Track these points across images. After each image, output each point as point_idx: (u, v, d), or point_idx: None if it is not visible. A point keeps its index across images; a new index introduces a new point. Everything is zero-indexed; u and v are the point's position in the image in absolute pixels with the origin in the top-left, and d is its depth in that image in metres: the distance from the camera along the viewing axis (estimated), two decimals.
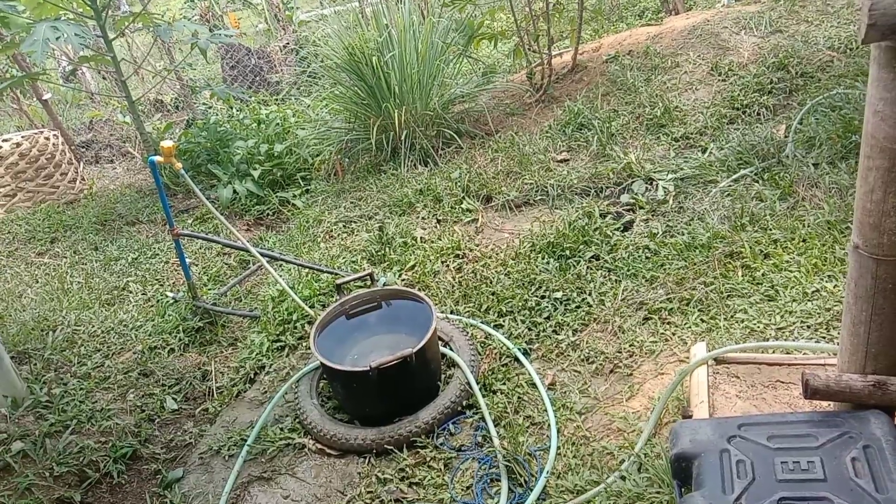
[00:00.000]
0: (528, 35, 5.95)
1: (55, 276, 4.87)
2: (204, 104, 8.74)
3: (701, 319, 2.98)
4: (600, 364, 2.98)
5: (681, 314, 3.07)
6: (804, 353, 2.51)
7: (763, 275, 3.12)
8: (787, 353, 2.55)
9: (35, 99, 7.89)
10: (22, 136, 6.57)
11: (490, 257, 3.91)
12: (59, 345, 3.88)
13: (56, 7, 5.92)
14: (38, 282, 4.85)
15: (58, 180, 6.58)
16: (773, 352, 2.57)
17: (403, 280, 3.91)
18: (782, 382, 2.42)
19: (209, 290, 4.45)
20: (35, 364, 3.66)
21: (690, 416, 2.24)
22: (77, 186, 6.76)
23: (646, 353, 2.93)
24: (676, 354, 2.84)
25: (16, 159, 6.37)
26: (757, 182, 3.89)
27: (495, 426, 2.80)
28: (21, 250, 5.47)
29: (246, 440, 3.06)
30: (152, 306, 4.36)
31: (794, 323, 2.78)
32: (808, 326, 2.73)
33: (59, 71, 10.73)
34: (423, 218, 4.52)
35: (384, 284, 3.76)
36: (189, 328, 3.99)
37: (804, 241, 3.25)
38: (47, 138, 6.66)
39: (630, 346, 3.00)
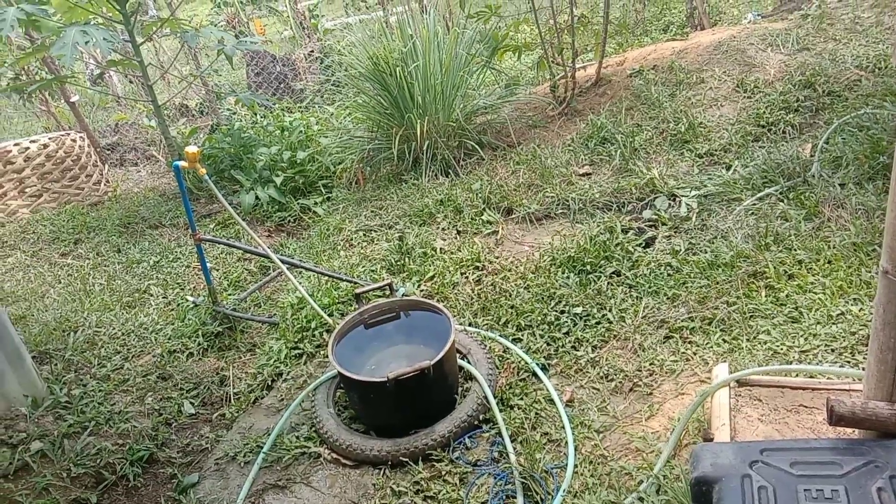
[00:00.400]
0: (552, 48, 5.95)
1: (78, 278, 4.93)
2: (228, 110, 8.82)
3: (723, 339, 2.95)
4: (620, 382, 2.95)
5: (703, 333, 3.03)
6: (828, 378, 2.47)
7: (787, 296, 3.08)
8: (811, 377, 2.51)
9: (63, 101, 8.01)
10: (49, 138, 6.66)
11: (510, 270, 3.90)
12: (80, 346, 3.92)
13: (86, 11, 6.01)
14: (60, 282, 4.90)
15: (83, 182, 6.67)
16: (797, 375, 2.54)
17: (422, 291, 3.91)
18: (806, 407, 2.38)
19: (229, 295, 4.48)
20: (56, 364, 3.70)
21: (711, 439, 2.21)
22: (101, 188, 6.84)
23: (666, 373, 2.90)
24: (697, 374, 2.80)
25: (42, 160, 6.47)
26: (782, 201, 3.85)
27: (512, 442, 2.77)
28: (45, 251, 5.53)
29: (262, 447, 3.06)
30: (172, 310, 4.39)
31: (818, 346, 2.73)
32: (833, 350, 2.69)
33: (86, 74, 10.90)
34: (443, 229, 4.52)
35: (403, 295, 3.76)
36: (208, 333, 4.01)
37: (829, 262, 3.21)
38: (73, 140, 6.75)
39: (650, 364, 2.97)
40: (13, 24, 5.05)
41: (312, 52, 9.80)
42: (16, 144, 6.51)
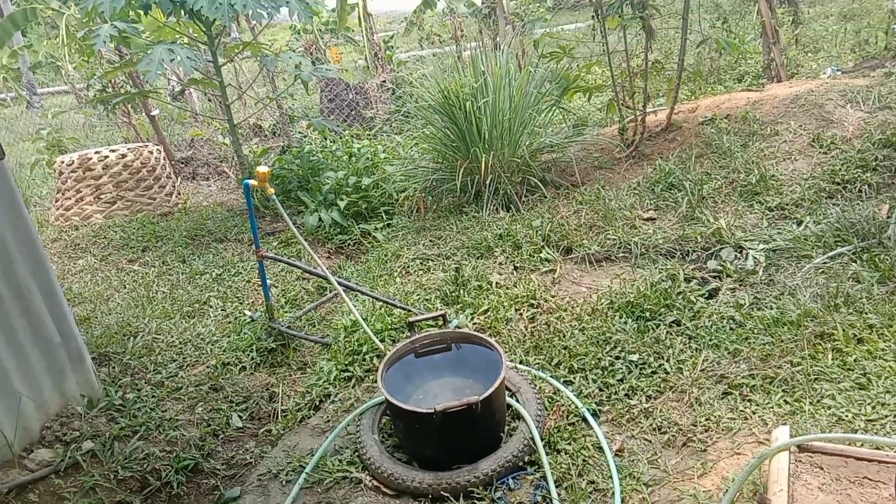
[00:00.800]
0: (623, 91, 5.93)
1: (142, 284, 5.08)
2: (300, 133, 9.06)
3: (784, 401, 2.83)
4: (673, 435, 2.86)
5: (763, 392, 2.92)
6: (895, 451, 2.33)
7: (855, 360, 2.94)
8: (877, 448, 2.38)
9: (144, 114, 8.36)
10: (128, 148, 6.95)
11: (565, 310, 3.85)
12: (138, 351, 4.02)
13: (174, 31, 6.30)
14: (125, 287, 5.06)
15: (156, 192, 6.91)
16: (862, 445, 2.40)
17: (475, 324, 3.89)
18: (871, 480, 2.25)
19: (285, 312, 4.54)
20: (114, 367, 3.79)
21: None
22: (173, 200, 7.08)
23: (723, 430, 2.79)
24: (755, 435, 2.69)
25: (119, 169, 6.74)
26: (854, 262, 3.70)
27: (557, 487, 2.71)
28: (114, 256, 5.73)
29: (304, 467, 3.06)
30: (230, 323, 4.47)
31: (886, 416, 2.60)
32: None
33: (168, 90, 11.38)
34: (500, 263, 4.50)
35: (456, 327, 3.74)
36: (262, 348, 4.07)
37: None
38: (150, 152, 7.02)
39: (706, 420, 2.87)
40: (106, 39, 5.32)
41: (385, 81, 10.01)
42: (96, 153, 6.82)
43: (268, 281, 4.07)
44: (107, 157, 6.77)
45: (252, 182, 3.74)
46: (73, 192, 6.70)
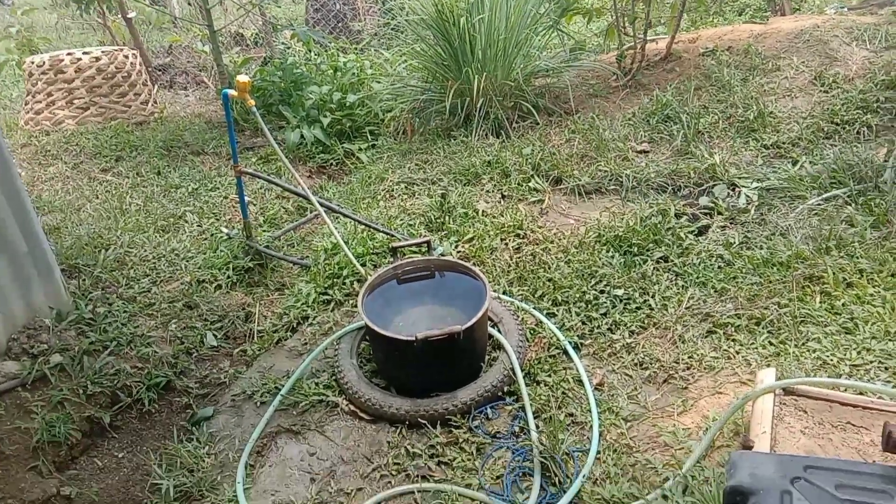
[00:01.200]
0: (624, 16, 5.68)
1: (115, 195, 4.90)
2: (283, 44, 8.69)
3: (770, 342, 2.79)
4: (654, 371, 2.82)
5: (748, 333, 2.88)
6: (881, 398, 2.31)
7: (843, 305, 2.90)
8: (862, 394, 2.35)
9: (120, 16, 7.95)
10: (102, 51, 6.61)
11: (552, 242, 3.76)
12: (110, 264, 3.89)
13: None
14: (98, 198, 4.89)
15: (131, 99, 6.63)
16: (847, 390, 2.38)
17: (459, 252, 3.80)
18: (853, 425, 2.23)
19: (264, 231, 4.42)
20: (84, 280, 3.67)
21: (751, 447, 2.08)
22: (148, 108, 6.80)
23: (705, 368, 2.76)
24: (738, 375, 2.66)
25: (93, 73, 6.43)
26: (849, 205, 3.63)
27: (535, 418, 2.68)
28: (86, 164, 5.52)
29: (280, 389, 3.01)
30: (206, 239, 4.34)
31: (871, 362, 2.57)
32: (887, 368, 2.52)
33: None
34: (487, 191, 4.38)
35: (441, 254, 3.65)
36: (239, 267, 3.96)
37: (893, 275, 3.01)
38: (126, 56, 6.69)
39: (689, 357, 2.83)
40: None
41: None
42: (69, 54, 6.49)
43: (246, 198, 3.93)
44: (80, 59, 6.45)
45: (231, 93, 3.54)
46: (44, 96, 6.40)
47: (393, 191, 4.64)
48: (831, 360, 2.61)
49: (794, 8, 7.59)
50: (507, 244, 3.79)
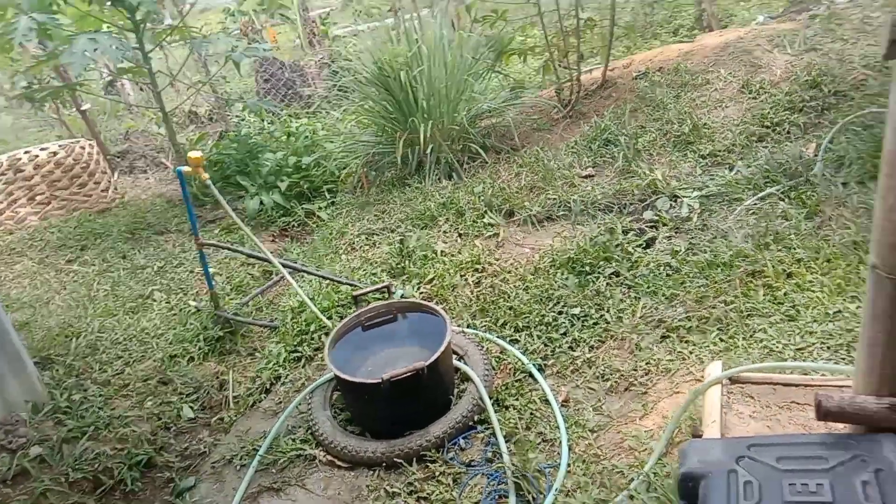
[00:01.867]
0: (558, 51, 5.93)
1: (83, 284, 4.96)
2: (237, 117, 8.88)
3: (720, 339, 2.92)
4: (615, 382, 2.93)
5: (699, 333, 3.00)
6: (822, 375, 2.43)
7: (785, 294, 3.04)
8: (805, 374, 2.47)
9: (74, 109, 8.09)
10: (59, 146, 6.72)
11: (509, 272, 3.88)
12: (82, 351, 3.94)
13: (98, 20, 6.07)
14: (65, 289, 4.94)
15: (91, 189, 6.72)
16: (791, 372, 2.50)
17: (422, 293, 3.90)
18: (797, 404, 2.35)
19: (232, 299, 4.49)
20: (57, 370, 3.71)
21: (700, 436, 2.18)
22: (110, 195, 6.90)
23: (662, 372, 2.87)
24: (693, 374, 2.77)
25: (52, 168, 6.52)
26: (783, 201, 3.81)
27: (506, 442, 2.76)
28: (52, 257, 5.57)
29: (258, 450, 3.06)
30: (175, 315, 4.41)
31: (813, 344, 2.70)
32: (829, 347, 2.65)
33: (101, 83, 11.01)
34: (444, 231, 4.51)
35: (401, 297, 3.75)
36: (209, 337, 4.02)
37: (828, 260, 3.17)
38: (83, 147, 6.81)
39: (646, 364, 2.94)
40: (24, 33, 5.10)
41: (322, 58, 9.86)
42: (26, 152, 6.58)
43: (211, 269, 4.02)
44: (37, 156, 6.54)
45: (186, 169, 3.66)
46: (5, 196, 6.47)
47: (354, 243, 4.76)
48: (777, 346, 2.74)
49: (723, 25, 7.94)
50: (466, 280, 3.91)
